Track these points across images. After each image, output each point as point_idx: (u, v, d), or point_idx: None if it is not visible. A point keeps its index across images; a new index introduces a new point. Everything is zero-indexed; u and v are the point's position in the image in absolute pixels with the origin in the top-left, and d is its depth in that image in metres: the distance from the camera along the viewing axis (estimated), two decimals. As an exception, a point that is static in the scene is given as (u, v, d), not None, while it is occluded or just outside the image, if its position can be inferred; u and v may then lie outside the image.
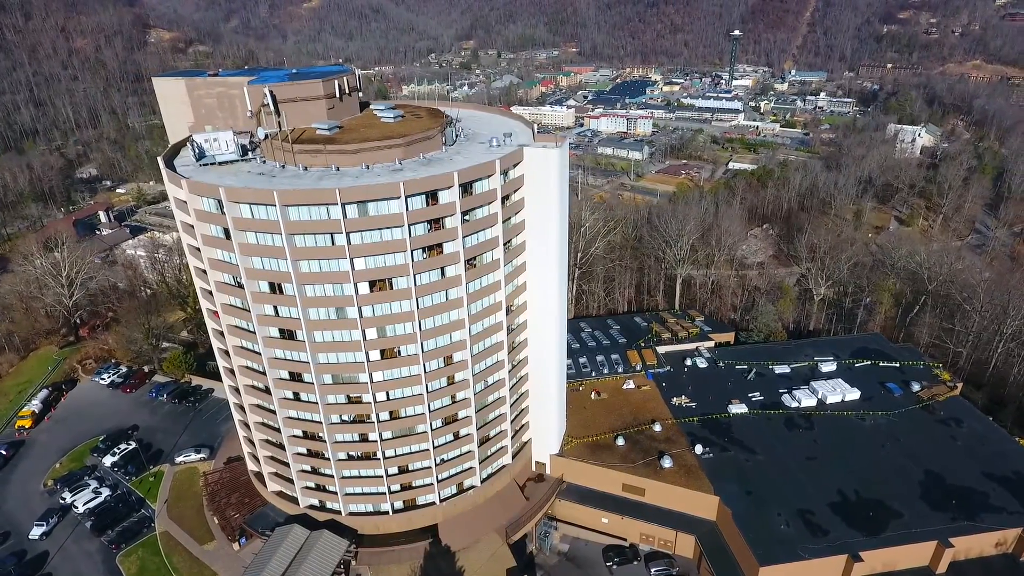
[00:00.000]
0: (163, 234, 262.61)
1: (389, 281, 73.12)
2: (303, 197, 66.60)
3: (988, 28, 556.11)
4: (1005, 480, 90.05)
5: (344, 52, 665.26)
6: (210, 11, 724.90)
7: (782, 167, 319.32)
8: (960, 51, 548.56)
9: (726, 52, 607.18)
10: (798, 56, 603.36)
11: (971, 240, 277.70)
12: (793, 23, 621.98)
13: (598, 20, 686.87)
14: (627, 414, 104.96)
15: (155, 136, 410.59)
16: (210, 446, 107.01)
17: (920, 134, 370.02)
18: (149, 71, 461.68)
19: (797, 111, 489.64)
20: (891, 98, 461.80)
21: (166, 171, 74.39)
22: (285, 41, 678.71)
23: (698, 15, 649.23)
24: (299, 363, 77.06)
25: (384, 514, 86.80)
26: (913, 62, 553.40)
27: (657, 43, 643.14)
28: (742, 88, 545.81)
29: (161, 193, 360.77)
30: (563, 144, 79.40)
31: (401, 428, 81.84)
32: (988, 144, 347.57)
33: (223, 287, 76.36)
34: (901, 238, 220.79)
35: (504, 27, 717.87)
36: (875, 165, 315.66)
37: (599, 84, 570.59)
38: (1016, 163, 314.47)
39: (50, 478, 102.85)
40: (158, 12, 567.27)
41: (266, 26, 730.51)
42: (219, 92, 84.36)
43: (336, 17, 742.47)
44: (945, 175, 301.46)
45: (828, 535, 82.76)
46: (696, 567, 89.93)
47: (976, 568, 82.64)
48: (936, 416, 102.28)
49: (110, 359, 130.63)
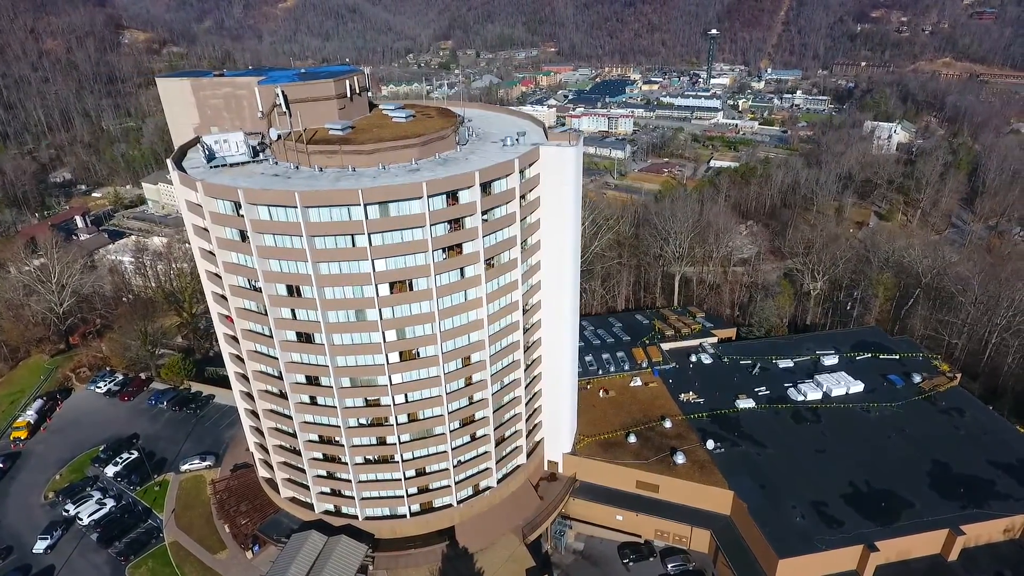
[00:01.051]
0: (146, 238, 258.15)
1: (409, 282, 72.47)
2: (325, 198, 65.72)
3: (957, 26, 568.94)
4: (1009, 468, 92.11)
5: (321, 52, 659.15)
6: (182, 11, 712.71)
7: (764, 164, 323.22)
8: (931, 49, 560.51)
9: (703, 51, 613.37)
10: (773, 55, 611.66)
11: (948, 234, 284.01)
12: (768, 22, 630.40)
13: (576, 20, 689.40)
14: (636, 411, 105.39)
15: (131, 139, 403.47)
16: (215, 453, 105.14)
17: (896, 130, 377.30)
18: (123, 73, 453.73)
19: (774, 109, 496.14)
20: (866, 96, 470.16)
21: (178, 174, 72.88)
22: (260, 42, 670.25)
23: (675, 14, 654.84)
24: (317, 367, 76.04)
25: (401, 517, 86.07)
26: (885, 60, 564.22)
27: (635, 42, 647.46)
28: (720, 87, 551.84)
29: (139, 197, 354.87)
30: (578, 142, 79.47)
31: (419, 430, 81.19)
32: (962, 140, 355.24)
33: (238, 291, 75.04)
34: (882, 233, 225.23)
35: (482, 27, 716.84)
36: (854, 161, 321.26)
37: (579, 83, 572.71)
38: (989, 158, 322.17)
39: (50, 490, 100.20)
40: (130, 13, 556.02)
41: (240, 26, 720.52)
42: (226, 92, 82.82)
43: (312, 17, 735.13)
44: (922, 171, 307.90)
45: (843, 526, 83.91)
46: (712, 562, 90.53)
47: (985, 555, 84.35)
48: (938, 407, 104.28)
49: (105, 367, 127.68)
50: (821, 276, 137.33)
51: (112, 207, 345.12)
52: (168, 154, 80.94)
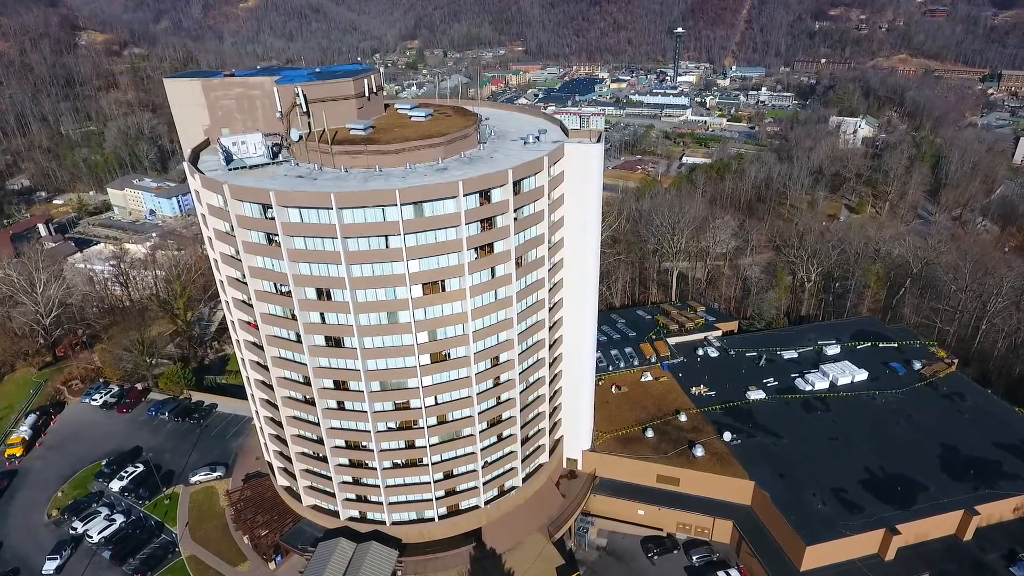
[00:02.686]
0: (116, 245, 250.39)
1: (442, 283, 71.68)
2: (361, 199, 64.61)
3: (912, 24, 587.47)
4: (1014, 448, 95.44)
5: (286, 53, 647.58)
6: (139, 12, 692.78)
7: (739, 160, 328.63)
8: (887, 46, 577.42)
9: (668, 49, 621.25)
10: (737, 52, 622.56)
11: (915, 225, 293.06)
12: (731, 20, 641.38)
13: (542, 19, 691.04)
14: (650, 406, 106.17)
15: (93, 143, 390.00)
16: (225, 464, 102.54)
17: (861, 125, 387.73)
18: (82, 75, 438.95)
19: (741, 106, 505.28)
20: (829, 91, 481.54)
21: (200, 177, 70.75)
22: (222, 42, 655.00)
23: (640, 13, 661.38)
24: (346, 371, 74.69)
25: (429, 521, 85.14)
26: (845, 57, 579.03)
27: (601, 41, 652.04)
28: (686, 84, 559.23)
29: (104, 203, 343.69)
30: (600, 140, 79.70)
31: (448, 432, 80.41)
32: (925, 134, 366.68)
33: (264, 296, 73.21)
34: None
35: (449, 26, 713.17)
36: (823, 156, 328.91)
37: (548, 82, 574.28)
38: (951, 151, 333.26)
39: (54, 508, 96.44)
40: (85, 13, 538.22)
41: (200, 27, 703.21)
42: (238, 93, 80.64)
43: (274, 17, 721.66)
44: (889, 164, 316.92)
45: (864, 511, 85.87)
46: (735, 552, 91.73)
47: (997, 533, 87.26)
48: (940, 392, 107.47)
49: (98, 378, 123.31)
50: (815, 268, 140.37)
51: (76, 214, 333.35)
52: (133, 159, 78.94)
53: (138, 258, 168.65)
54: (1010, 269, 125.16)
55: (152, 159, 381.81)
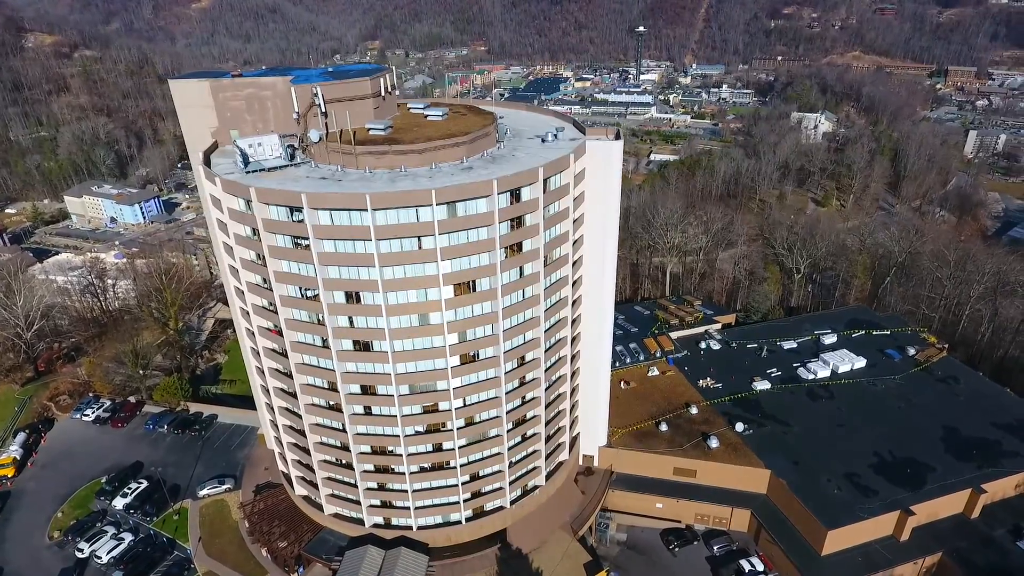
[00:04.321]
0: (77, 255, 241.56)
1: (472, 283, 71.08)
2: (396, 200, 63.58)
3: (863, 22, 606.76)
4: (1010, 427, 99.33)
5: (243, 55, 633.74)
6: (86, 13, 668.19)
7: (708, 156, 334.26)
8: (840, 43, 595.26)
9: (630, 48, 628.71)
10: (697, 51, 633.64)
11: (878, 216, 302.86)
12: (690, 19, 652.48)
13: (504, 18, 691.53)
14: (660, 400, 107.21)
15: (45, 150, 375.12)
16: (233, 475, 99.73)
17: (821, 120, 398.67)
18: (30, 79, 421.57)
19: (704, 103, 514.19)
20: (787, 88, 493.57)
21: (221, 181, 68.57)
22: (175, 44, 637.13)
23: (600, 12, 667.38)
24: (375, 375, 73.53)
25: (455, 524, 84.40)
26: (800, 54, 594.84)
27: (563, 40, 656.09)
28: (649, 82, 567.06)
29: (61, 211, 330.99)
30: (619, 137, 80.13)
31: (476, 434, 79.78)
32: (883, 128, 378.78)
33: (290, 301, 71.41)
34: (819, 218, 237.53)
35: (410, 26, 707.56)
36: (789, 151, 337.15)
37: (513, 81, 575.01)
38: (908, 145, 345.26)
39: (55, 529, 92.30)
40: (30, 15, 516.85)
41: (151, 28, 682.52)
42: (248, 93, 78.59)
43: (230, 18, 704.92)
44: (852, 158, 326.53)
45: (878, 494, 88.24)
46: (754, 540, 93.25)
47: (1001, 509, 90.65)
48: (935, 376, 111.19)
49: (87, 393, 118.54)
50: (803, 259, 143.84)
51: (31, 223, 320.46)
52: (89, 165, 76.33)
53: (115, 267, 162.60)
54: (991, 256, 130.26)
55: (110, 165, 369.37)
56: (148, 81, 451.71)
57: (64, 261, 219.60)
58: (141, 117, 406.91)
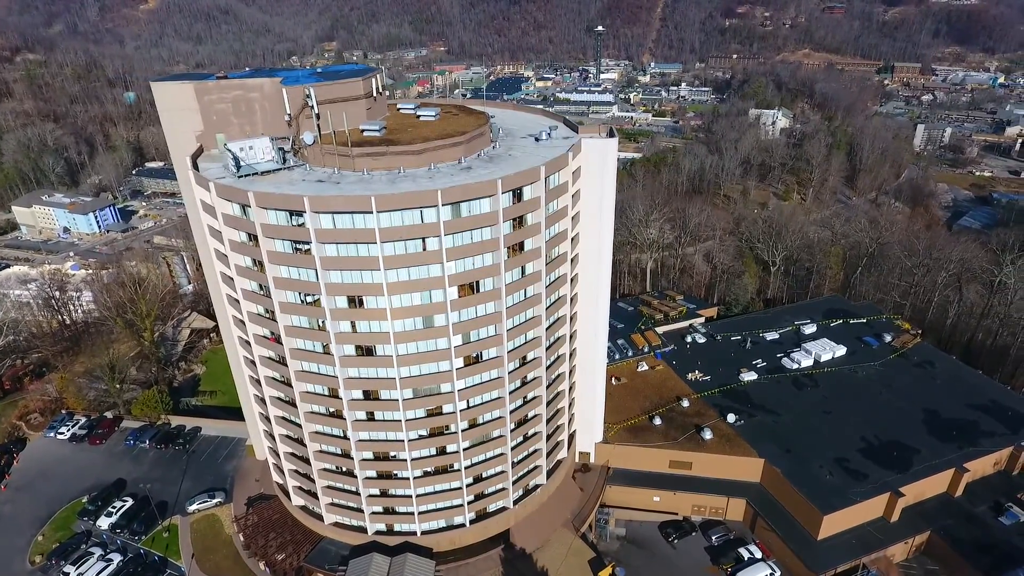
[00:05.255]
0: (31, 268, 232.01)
1: (476, 284, 70.59)
2: (402, 201, 62.69)
3: (812, 20, 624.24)
4: (986, 408, 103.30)
5: (194, 57, 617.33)
6: (27, 15, 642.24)
7: (673, 153, 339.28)
8: (792, 41, 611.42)
9: (588, 47, 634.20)
10: (654, 49, 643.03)
11: (836, 209, 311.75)
12: (646, 18, 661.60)
13: (463, 19, 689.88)
14: (652, 395, 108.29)
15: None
16: (223, 489, 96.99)
17: (778, 117, 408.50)
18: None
19: (663, 101, 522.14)
20: (744, 86, 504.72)
21: (216, 185, 66.63)
22: (123, 46, 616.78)
23: (559, 12, 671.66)
24: (378, 380, 72.47)
25: (459, 527, 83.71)
26: (754, 52, 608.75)
27: (523, 40, 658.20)
28: (609, 81, 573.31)
29: (8, 222, 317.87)
30: (613, 134, 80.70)
31: (479, 435, 79.28)
32: (838, 123, 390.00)
33: (288, 307, 69.79)
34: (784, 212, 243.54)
35: (367, 27, 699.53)
36: (750, 146, 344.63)
37: (475, 82, 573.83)
38: (862, 139, 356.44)
39: (36, 553, 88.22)
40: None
41: (97, 31, 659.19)
42: (235, 96, 76.65)
43: (179, 19, 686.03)
44: (810, 153, 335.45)
45: (868, 478, 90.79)
46: (750, 528, 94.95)
47: (980, 487, 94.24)
48: (912, 361, 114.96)
49: (60, 410, 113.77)
50: (779, 252, 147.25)
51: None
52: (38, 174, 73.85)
53: (81, 278, 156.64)
54: (957, 244, 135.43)
55: (60, 173, 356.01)
56: (97, 85, 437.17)
57: (20, 274, 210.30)
58: (91, 123, 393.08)
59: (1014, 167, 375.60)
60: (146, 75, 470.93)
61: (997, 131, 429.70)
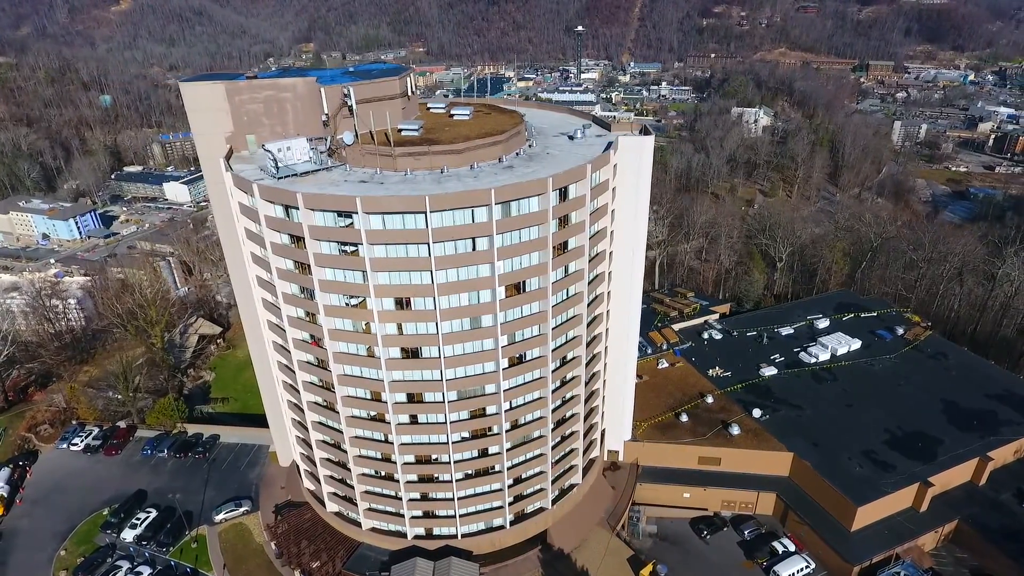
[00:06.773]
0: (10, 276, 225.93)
1: (521, 283, 70.04)
2: (455, 201, 61.93)
3: (788, 19, 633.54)
4: (1002, 397, 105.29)
5: (168, 59, 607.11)
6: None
7: (659, 152, 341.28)
8: (768, 40, 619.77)
9: (568, 47, 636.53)
10: (633, 49, 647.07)
11: (821, 205, 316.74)
12: (625, 18, 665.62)
13: (442, 19, 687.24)
14: (675, 391, 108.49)
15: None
16: (249, 497, 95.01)
17: (760, 115, 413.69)
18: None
19: (645, 100, 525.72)
20: (724, 84, 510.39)
21: (259, 187, 65.13)
22: (95, 49, 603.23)
23: (538, 12, 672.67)
24: (423, 383, 71.44)
25: (499, 529, 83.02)
26: (731, 51, 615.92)
27: (502, 40, 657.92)
28: (590, 81, 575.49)
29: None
30: (648, 132, 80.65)
31: (521, 436, 78.73)
32: (820, 121, 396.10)
33: (333, 310, 68.52)
34: (771, 208, 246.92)
35: (345, 28, 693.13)
36: (735, 144, 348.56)
37: (456, 82, 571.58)
38: (844, 136, 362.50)
39: (60, 569, 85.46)
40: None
41: (68, 33, 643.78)
42: (267, 96, 75.17)
43: (152, 21, 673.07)
44: (794, 150, 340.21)
45: (896, 469, 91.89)
46: (780, 522, 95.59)
47: (1003, 475, 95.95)
48: (926, 354, 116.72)
49: (70, 421, 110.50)
50: (785, 248, 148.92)
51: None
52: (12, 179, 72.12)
53: (79, 286, 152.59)
54: (960, 238, 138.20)
55: (35, 178, 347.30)
56: (72, 88, 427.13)
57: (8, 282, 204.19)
58: (67, 126, 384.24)
59: (987, 162, 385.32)
60: (121, 77, 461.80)
61: (970, 127, 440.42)
